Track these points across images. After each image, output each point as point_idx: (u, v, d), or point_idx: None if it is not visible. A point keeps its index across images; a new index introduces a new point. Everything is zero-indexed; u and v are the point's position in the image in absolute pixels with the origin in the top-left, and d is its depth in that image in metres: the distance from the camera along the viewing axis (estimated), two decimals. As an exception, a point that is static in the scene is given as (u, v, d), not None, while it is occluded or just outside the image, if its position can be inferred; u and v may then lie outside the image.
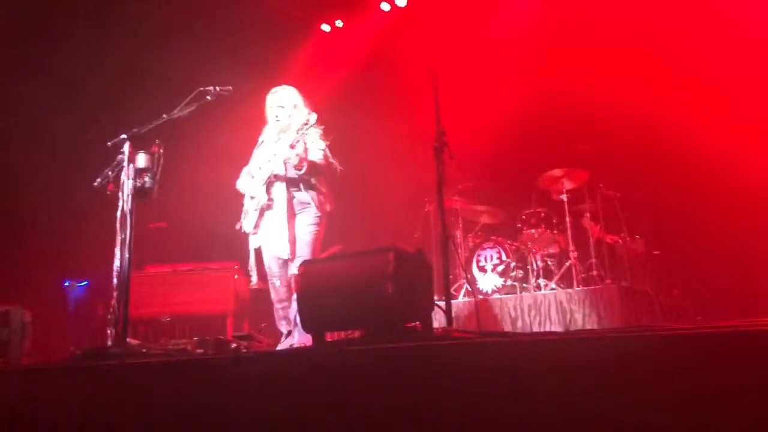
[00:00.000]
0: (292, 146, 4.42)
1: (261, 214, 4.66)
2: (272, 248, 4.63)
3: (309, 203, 4.63)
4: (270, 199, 4.61)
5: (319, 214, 4.64)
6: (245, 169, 4.93)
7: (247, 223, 4.72)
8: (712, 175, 6.79)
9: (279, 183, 4.61)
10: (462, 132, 4.08)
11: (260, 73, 7.75)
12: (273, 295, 4.73)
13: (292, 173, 4.55)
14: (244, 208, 4.79)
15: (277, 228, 4.56)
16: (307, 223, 4.62)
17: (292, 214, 4.59)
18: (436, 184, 3.46)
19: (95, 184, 3.89)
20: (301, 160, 4.41)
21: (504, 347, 2.33)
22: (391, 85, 8.18)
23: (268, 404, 2.42)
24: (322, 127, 4.73)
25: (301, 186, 4.62)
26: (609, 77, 7.13)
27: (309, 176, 4.58)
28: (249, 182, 4.81)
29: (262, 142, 4.93)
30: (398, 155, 7.77)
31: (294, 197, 4.62)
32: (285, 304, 4.66)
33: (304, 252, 4.53)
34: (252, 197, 4.73)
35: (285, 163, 4.57)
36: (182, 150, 7.55)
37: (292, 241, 4.54)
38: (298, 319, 4.35)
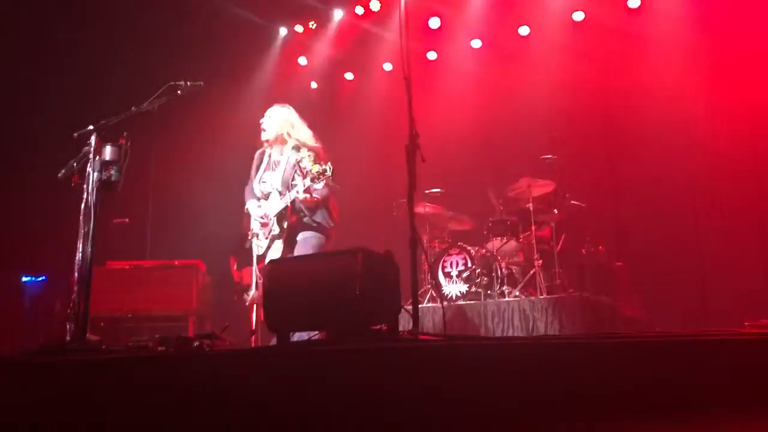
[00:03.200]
0: (308, 191, 4.47)
1: (272, 241, 4.69)
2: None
3: (316, 226, 4.68)
4: (283, 231, 4.64)
5: (323, 237, 4.69)
6: (249, 189, 4.91)
7: (257, 246, 4.73)
8: (675, 189, 6.96)
9: (291, 214, 4.65)
10: (430, 138, 4.08)
11: (231, 74, 7.72)
12: None
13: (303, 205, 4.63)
14: (253, 230, 4.77)
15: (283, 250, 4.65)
16: (311, 244, 4.66)
17: (296, 240, 4.68)
18: (407, 185, 3.44)
19: (59, 175, 3.80)
20: (312, 201, 4.55)
21: (470, 350, 2.34)
22: (363, 89, 8.18)
23: (231, 403, 2.39)
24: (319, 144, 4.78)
25: (310, 213, 4.68)
26: (577, 88, 7.24)
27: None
28: (257, 208, 4.80)
29: (268, 162, 4.88)
30: (369, 159, 7.77)
31: (303, 223, 4.67)
32: None
33: None
34: (262, 223, 4.71)
35: (296, 199, 4.59)
36: (149, 144, 7.50)
37: None
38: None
